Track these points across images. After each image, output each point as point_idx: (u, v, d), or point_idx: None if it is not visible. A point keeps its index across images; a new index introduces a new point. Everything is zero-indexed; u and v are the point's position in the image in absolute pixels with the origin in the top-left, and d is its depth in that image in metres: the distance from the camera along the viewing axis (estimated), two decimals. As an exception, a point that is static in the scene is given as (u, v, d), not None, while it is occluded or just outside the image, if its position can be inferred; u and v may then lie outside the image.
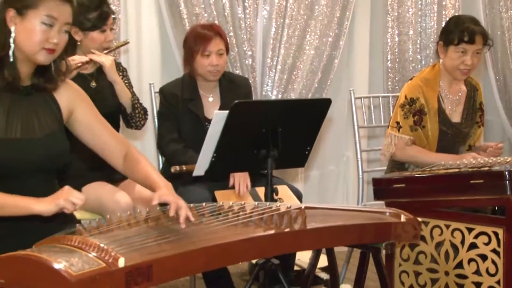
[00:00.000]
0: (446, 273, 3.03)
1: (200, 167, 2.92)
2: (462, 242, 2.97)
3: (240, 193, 3.39)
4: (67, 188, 2.18)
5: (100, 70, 3.49)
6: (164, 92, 3.69)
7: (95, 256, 1.81)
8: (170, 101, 3.65)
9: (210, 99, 3.72)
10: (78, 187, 3.24)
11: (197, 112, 3.63)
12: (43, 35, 2.29)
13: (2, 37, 2.30)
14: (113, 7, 4.09)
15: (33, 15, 2.27)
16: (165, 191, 2.34)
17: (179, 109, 3.64)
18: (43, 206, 2.13)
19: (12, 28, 2.29)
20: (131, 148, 2.58)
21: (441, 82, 3.65)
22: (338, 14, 4.83)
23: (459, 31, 3.52)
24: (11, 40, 2.29)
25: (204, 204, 2.43)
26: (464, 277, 2.98)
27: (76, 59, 3.32)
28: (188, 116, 3.63)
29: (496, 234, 2.88)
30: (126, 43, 3.81)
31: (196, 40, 3.63)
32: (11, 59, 2.30)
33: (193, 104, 3.65)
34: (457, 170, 3.09)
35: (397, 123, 3.60)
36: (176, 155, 3.55)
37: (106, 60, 3.44)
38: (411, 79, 3.72)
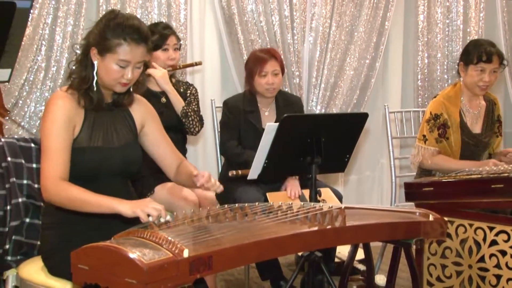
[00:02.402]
0: (470, 266, 2.97)
1: (254, 172, 2.92)
2: (484, 239, 2.92)
3: (292, 198, 3.39)
4: (147, 200, 2.19)
5: None
6: (228, 105, 3.69)
7: (163, 247, 1.82)
8: (233, 112, 3.65)
9: (267, 113, 3.72)
10: (150, 187, 3.29)
11: (255, 123, 3.63)
12: (118, 74, 2.33)
13: (87, 71, 2.36)
14: (180, 35, 4.15)
15: (110, 58, 2.31)
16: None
17: (240, 120, 3.65)
18: (124, 208, 2.14)
19: (95, 63, 2.34)
20: (184, 161, 2.61)
21: (462, 98, 3.59)
22: (375, 39, 4.80)
23: (477, 52, 3.48)
24: (94, 73, 2.35)
25: (257, 203, 2.43)
26: (486, 270, 2.92)
27: None
28: (248, 126, 3.63)
29: (514, 232, 2.83)
30: (197, 63, 3.82)
31: (255, 62, 3.64)
32: (95, 88, 2.36)
33: (252, 116, 3.65)
34: (479, 176, 3.04)
35: (424, 136, 3.55)
36: (235, 157, 3.57)
37: (156, 72, 3.47)
38: (435, 97, 3.68)
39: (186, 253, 1.78)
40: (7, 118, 3.76)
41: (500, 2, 5.13)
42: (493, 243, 2.89)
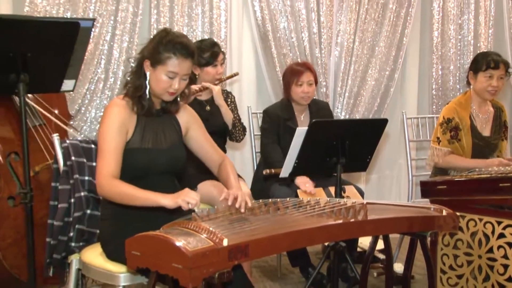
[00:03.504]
0: (479, 257, 2.92)
1: (285, 171, 2.92)
2: (493, 232, 2.87)
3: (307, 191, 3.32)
4: (186, 190, 2.20)
5: (213, 98, 3.53)
6: (269, 113, 3.67)
7: (205, 237, 1.83)
8: (274, 119, 3.63)
9: (301, 118, 3.72)
10: (194, 184, 3.31)
11: (294, 128, 3.62)
12: (167, 84, 2.36)
13: (140, 81, 2.39)
14: (221, 49, 4.17)
15: (160, 69, 2.34)
16: (232, 190, 2.36)
17: (280, 126, 3.64)
18: (167, 201, 2.16)
19: (148, 73, 2.37)
20: (225, 159, 2.62)
21: (472, 104, 3.55)
22: (394, 53, 4.76)
23: (486, 60, 3.46)
24: (147, 82, 2.38)
25: (288, 199, 2.43)
26: (494, 260, 2.87)
27: (194, 87, 3.40)
28: (286, 131, 3.60)
29: (520, 226, 2.78)
30: (235, 74, 3.84)
31: (292, 74, 3.63)
32: (147, 96, 2.39)
33: (291, 122, 3.64)
34: (488, 175, 3.00)
35: (437, 138, 3.52)
36: (277, 158, 3.48)
37: (215, 88, 3.49)
38: (447, 103, 3.64)
39: (225, 242, 1.79)
40: (72, 122, 3.83)
41: (508, 20, 5.05)
42: (501, 236, 2.84)
